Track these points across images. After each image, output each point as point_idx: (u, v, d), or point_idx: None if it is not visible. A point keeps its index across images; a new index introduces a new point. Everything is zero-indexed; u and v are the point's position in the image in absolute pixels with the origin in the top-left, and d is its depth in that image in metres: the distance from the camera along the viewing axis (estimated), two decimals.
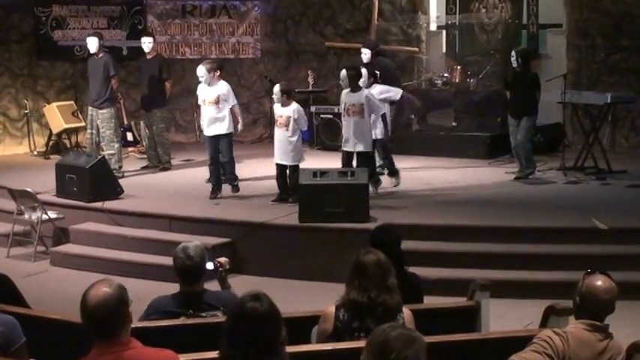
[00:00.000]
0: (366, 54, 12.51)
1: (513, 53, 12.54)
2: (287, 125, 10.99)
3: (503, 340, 5.35)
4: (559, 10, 16.14)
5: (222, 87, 11.63)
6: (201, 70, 11.40)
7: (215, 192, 11.65)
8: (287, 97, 11.08)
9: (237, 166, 11.87)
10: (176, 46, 17.20)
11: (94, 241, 10.88)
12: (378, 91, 11.56)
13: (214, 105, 11.48)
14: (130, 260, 10.32)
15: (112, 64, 13.12)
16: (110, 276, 6.74)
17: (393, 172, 12.10)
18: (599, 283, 4.65)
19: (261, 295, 4.10)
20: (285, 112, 11.03)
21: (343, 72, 11.18)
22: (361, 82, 11.10)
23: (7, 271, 6.74)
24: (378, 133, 11.51)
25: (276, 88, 11.18)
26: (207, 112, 11.59)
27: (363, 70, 11.33)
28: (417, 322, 5.12)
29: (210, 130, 11.63)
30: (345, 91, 11.14)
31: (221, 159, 11.71)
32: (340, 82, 11.34)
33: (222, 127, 11.55)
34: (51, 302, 8.66)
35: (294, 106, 11.11)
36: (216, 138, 11.63)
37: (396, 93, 11.94)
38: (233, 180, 11.82)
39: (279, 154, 11.16)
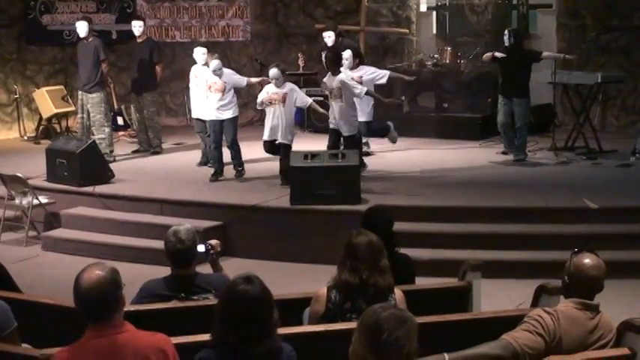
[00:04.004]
0: (330, 36, 12.70)
1: (506, 32, 12.56)
2: (284, 101, 10.96)
3: (495, 319, 5.36)
4: None
5: (228, 74, 11.62)
6: (216, 63, 11.40)
7: (217, 175, 11.64)
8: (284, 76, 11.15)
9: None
10: (166, 29, 17.14)
11: (85, 225, 10.86)
12: (368, 73, 11.54)
13: (220, 92, 11.46)
14: (121, 244, 10.31)
15: (101, 48, 13.08)
16: (102, 260, 6.73)
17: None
18: (586, 260, 4.67)
19: (253, 277, 4.11)
20: (282, 90, 11.01)
21: (324, 55, 11.22)
22: (346, 64, 11.09)
23: None
24: (361, 116, 11.47)
25: (276, 71, 11.05)
26: (212, 99, 11.53)
27: (348, 52, 11.31)
28: (408, 303, 5.14)
29: (215, 114, 11.56)
30: (328, 74, 11.17)
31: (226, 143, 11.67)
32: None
33: (229, 112, 11.54)
34: (43, 287, 8.68)
35: (290, 85, 11.17)
36: (220, 123, 11.60)
37: (383, 75, 11.88)
38: (239, 165, 11.72)
39: (271, 132, 11.12)
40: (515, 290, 8.25)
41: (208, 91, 11.56)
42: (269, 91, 11.11)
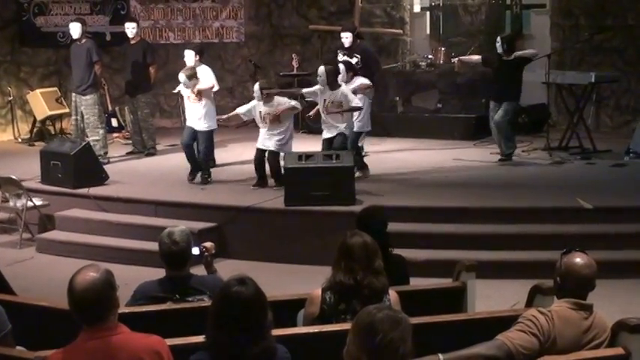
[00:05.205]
0: (348, 37, 12.38)
1: (499, 39, 12.47)
2: (279, 119, 10.95)
3: (489, 320, 5.36)
4: None
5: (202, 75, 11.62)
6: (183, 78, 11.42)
7: (193, 174, 11.65)
8: (267, 95, 11.00)
9: (221, 149, 11.79)
10: (160, 31, 17.12)
11: (79, 227, 10.85)
12: (360, 83, 11.42)
13: (197, 100, 11.49)
14: (116, 246, 10.30)
15: (94, 49, 13.06)
16: (96, 262, 6.70)
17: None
18: (577, 260, 4.67)
19: (247, 279, 4.11)
20: (271, 108, 10.96)
21: (322, 68, 11.04)
22: (340, 78, 11.02)
23: None
24: (355, 126, 11.38)
25: (256, 86, 11.10)
26: (191, 108, 11.61)
27: (341, 66, 11.25)
28: (403, 304, 5.14)
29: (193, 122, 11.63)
30: (323, 88, 10.99)
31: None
32: (318, 78, 11.17)
33: (202, 124, 11.58)
34: (37, 289, 8.65)
35: (278, 99, 11.07)
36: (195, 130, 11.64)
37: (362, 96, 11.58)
38: (206, 172, 11.68)
39: (263, 141, 11.11)
40: (509, 290, 8.25)
41: (187, 101, 11.62)
42: (261, 111, 11.04)
